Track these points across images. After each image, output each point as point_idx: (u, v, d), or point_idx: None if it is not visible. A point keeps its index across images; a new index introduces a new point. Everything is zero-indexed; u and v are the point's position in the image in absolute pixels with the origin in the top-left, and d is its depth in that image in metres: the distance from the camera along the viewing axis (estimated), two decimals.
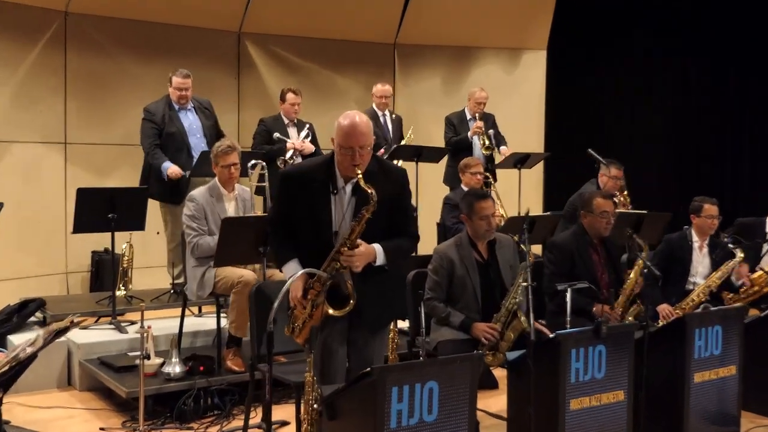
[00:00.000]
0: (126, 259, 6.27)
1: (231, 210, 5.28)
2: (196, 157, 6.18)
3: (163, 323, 5.71)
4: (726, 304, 5.62)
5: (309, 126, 7.12)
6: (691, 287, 5.71)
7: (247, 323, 5.03)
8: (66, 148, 7.42)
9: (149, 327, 4.68)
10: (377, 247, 3.54)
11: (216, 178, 5.31)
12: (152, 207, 6.19)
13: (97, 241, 7.17)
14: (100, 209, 5.60)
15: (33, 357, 2.75)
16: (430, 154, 7.38)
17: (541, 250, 6.82)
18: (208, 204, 5.20)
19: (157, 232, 7.03)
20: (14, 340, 5.37)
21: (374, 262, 3.54)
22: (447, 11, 9.05)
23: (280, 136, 6.80)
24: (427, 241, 5.37)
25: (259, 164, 6.14)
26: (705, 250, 5.81)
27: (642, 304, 5.00)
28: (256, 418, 4.45)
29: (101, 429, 4.65)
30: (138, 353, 4.96)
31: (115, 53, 7.63)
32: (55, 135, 7.37)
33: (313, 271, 3.45)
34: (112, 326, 5.65)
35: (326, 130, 7.65)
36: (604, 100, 10.25)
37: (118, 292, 6.11)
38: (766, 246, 6.34)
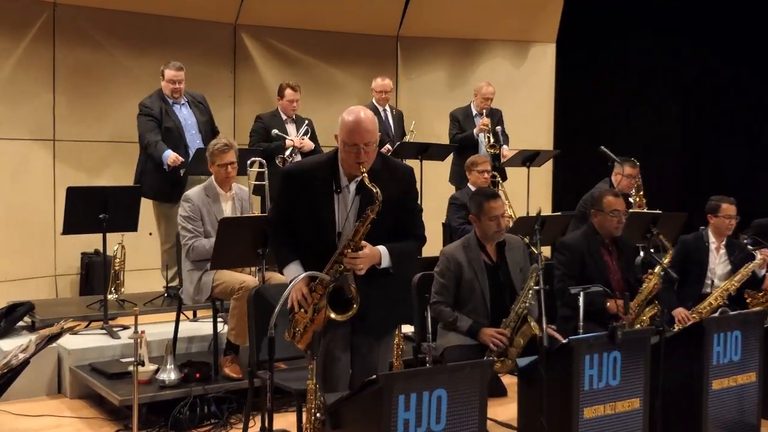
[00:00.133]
0: (118, 261, 6.26)
1: (228, 210, 5.27)
2: (192, 155, 6.18)
3: (156, 328, 5.70)
4: (748, 304, 5.61)
5: (308, 122, 7.11)
6: (709, 290, 5.72)
7: (247, 331, 5.04)
8: (55, 145, 7.42)
9: (143, 332, 4.67)
10: (382, 249, 3.53)
11: (212, 178, 5.30)
12: (144, 207, 6.18)
13: (87, 243, 7.17)
14: (91, 209, 5.60)
15: (25, 364, 2.75)
16: (435, 152, 7.38)
17: (550, 252, 6.82)
18: (204, 204, 5.19)
19: (150, 233, 7.02)
20: (2, 346, 5.36)
21: (379, 265, 3.53)
22: (452, 2, 9.05)
23: (279, 133, 6.79)
24: (432, 242, 5.34)
25: (258, 162, 6.14)
26: (722, 251, 5.81)
27: (658, 306, 5.01)
28: (255, 427, 4.45)
29: None
30: (131, 359, 4.92)
31: (106, 46, 7.63)
32: (43, 131, 7.37)
33: (315, 274, 3.44)
34: (104, 331, 5.64)
35: (325, 126, 7.70)
36: (617, 94, 10.23)
37: (110, 296, 6.10)
38: None
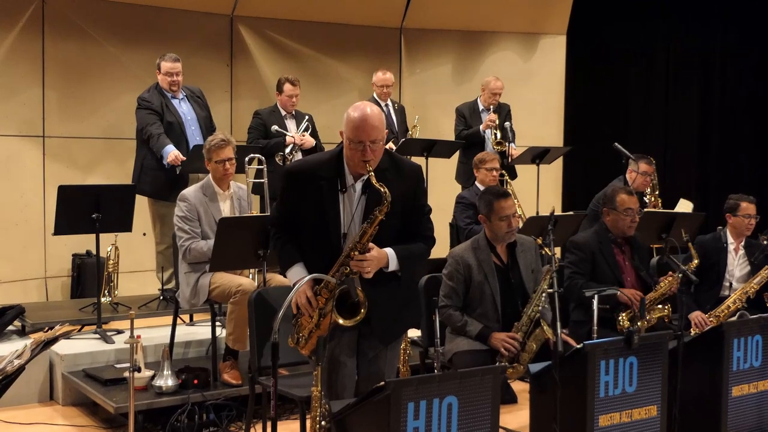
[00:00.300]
0: (111, 262, 6.27)
1: (226, 210, 5.28)
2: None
3: (152, 332, 5.73)
4: None
5: (308, 117, 7.12)
6: (727, 293, 5.73)
7: (247, 335, 5.04)
8: (44, 142, 7.43)
9: (139, 336, 4.69)
10: (390, 252, 3.54)
11: (209, 176, 5.31)
12: (138, 206, 6.18)
13: (79, 244, 7.18)
14: (84, 209, 5.61)
15: (21, 370, 2.77)
16: (441, 149, 7.39)
17: (560, 252, 6.83)
18: (201, 204, 5.20)
19: (144, 234, 7.04)
20: None
21: (386, 268, 3.54)
22: None
23: (279, 130, 6.80)
24: (438, 243, 5.34)
25: (257, 159, 6.15)
26: (741, 252, 5.83)
27: (671, 308, 5.03)
28: None
29: None
30: (126, 365, 4.95)
31: (97, 38, 7.63)
32: (32, 127, 7.38)
33: (321, 276, 3.45)
34: (97, 336, 5.65)
35: (326, 122, 7.74)
36: (630, 89, 10.25)
37: (103, 299, 6.11)
38: None
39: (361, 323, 3.51)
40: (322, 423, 3.42)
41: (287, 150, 6.77)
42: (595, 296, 4.53)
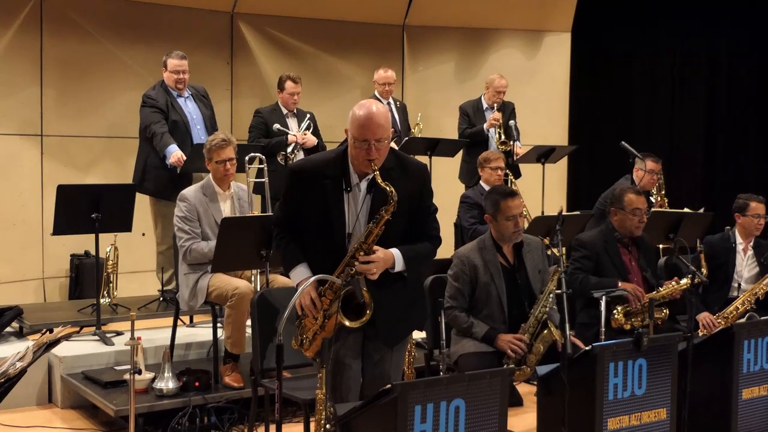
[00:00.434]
0: (110, 263, 6.25)
1: (227, 210, 5.26)
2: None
3: (151, 334, 5.70)
4: None
5: (310, 116, 7.10)
6: (735, 294, 5.72)
7: (244, 339, 5.04)
8: (42, 141, 7.41)
9: (139, 338, 4.67)
10: (395, 252, 3.52)
11: (209, 176, 5.30)
12: (137, 206, 6.16)
13: (77, 244, 7.17)
14: (83, 208, 5.58)
15: (22, 372, 2.75)
16: (445, 148, 7.37)
17: (566, 252, 6.81)
18: (201, 204, 5.18)
19: (143, 234, 7.03)
20: None
21: (392, 269, 3.52)
22: None
23: (281, 128, 6.78)
24: (443, 243, 5.35)
25: (257, 158, 6.13)
26: (750, 252, 5.82)
27: (668, 312, 5.00)
28: None
29: None
30: (126, 367, 4.96)
31: (96, 36, 7.61)
32: (30, 126, 7.36)
33: (326, 277, 3.43)
34: (96, 337, 5.63)
35: (327, 121, 7.71)
36: (636, 87, 10.24)
37: (102, 300, 6.09)
38: None
39: (366, 325, 3.49)
40: (327, 426, 3.40)
41: (289, 149, 6.74)
42: (603, 297, 4.50)
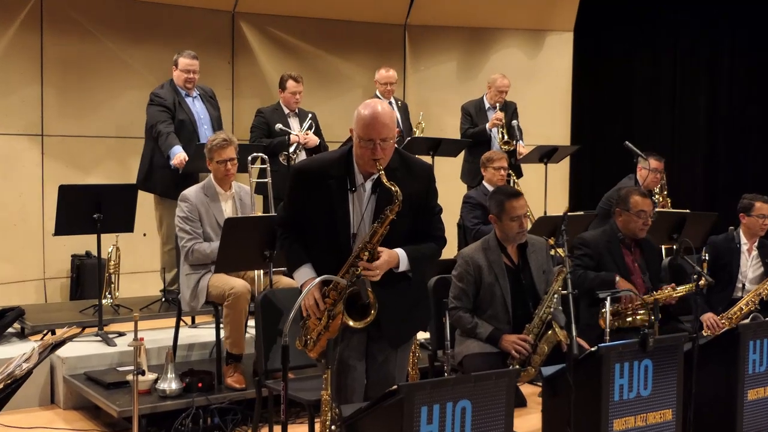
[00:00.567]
0: (112, 263, 6.25)
1: (228, 210, 5.26)
2: None
3: (153, 335, 5.70)
4: None
5: (312, 116, 7.10)
6: (739, 294, 5.72)
7: (244, 339, 5.04)
8: (43, 141, 7.41)
9: (142, 339, 4.67)
10: (401, 252, 3.52)
11: (211, 176, 5.29)
12: (138, 206, 6.16)
13: (78, 244, 7.17)
14: (85, 209, 5.59)
15: (29, 373, 2.75)
16: (448, 148, 7.37)
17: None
18: (203, 204, 5.18)
19: (144, 234, 7.03)
20: None
21: (396, 269, 3.52)
22: None
23: (283, 128, 6.77)
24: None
25: (260, 158, 6.13)
26: (754, 253, 5.81)
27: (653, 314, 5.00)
28: None
29: None
30: (129, 368, 4.94)
31: (96, 35, 7.61)
32: (31, 126, 7.36)
33: (331, 277, 3.43)
34: (99, 338, 5.63)
35: (329, 120, 7.71)
36: (638, 86, 10.25)
37: (104, 301, 6.09)
38: None
39: (371, 326, 3.48)
40: (333, 427, 3.40)
41: (291, 149, 6.74)
42: (608, 298, 4.50)
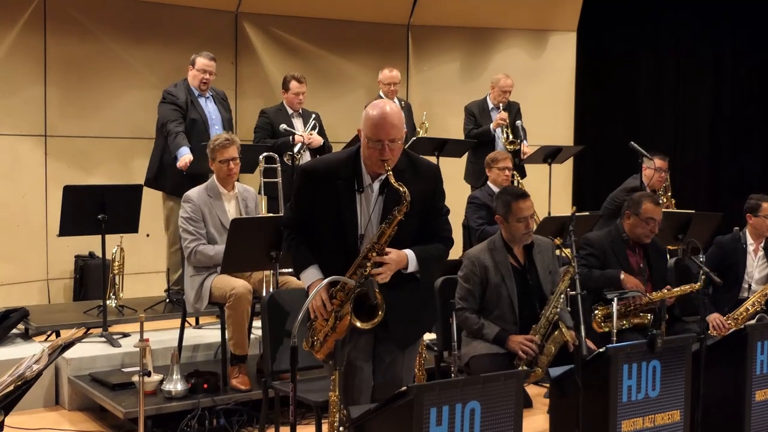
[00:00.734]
0: (116, 264, 6.25)
1: (232, 210, 5.26)
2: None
3: (158, 335, 5.67)
4: None
5: (315, 116, 7.10)
6: (746, 295, 5.72)
7: (246, 340, 5.03)
8: (46, 141, 7.41)
9: (147, 340, 4.66)
10: (409, 253, 3.51)
11: (213, 176, 5.29)
12: (141, 206, 6.15)
13: (82, 245, 7.16)
14: (90, 209, 5.58)
15: (39, 375, 2.75)
16: (452, 148, 7.36)
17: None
18: (206, 204, 5.18)
19: (147, 235, 7.02)
20: None
21: (405, 269, 3.51)
22: None
23: (288, 129, 6.77)
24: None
25: (272, 158, 6.16)
26: (761, 253, 5.81)
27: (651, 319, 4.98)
28: None
29: None
30: (134, 369, 4.93)
31: (100, 36, 7.61)
32: (34, 126, 7.36)
33: (339, 278, 3.42)
34: (103, 339, 5.63)
35: (332, 121, 7.70)
36: (642, 87, 10.24)
37: (108, 302, 6.08)
38: None
39: (378, 327, 3.47)
40: (341, 429, 3.39)
41: (295, 149, 6.73)
42: (615, 299, 4.50)
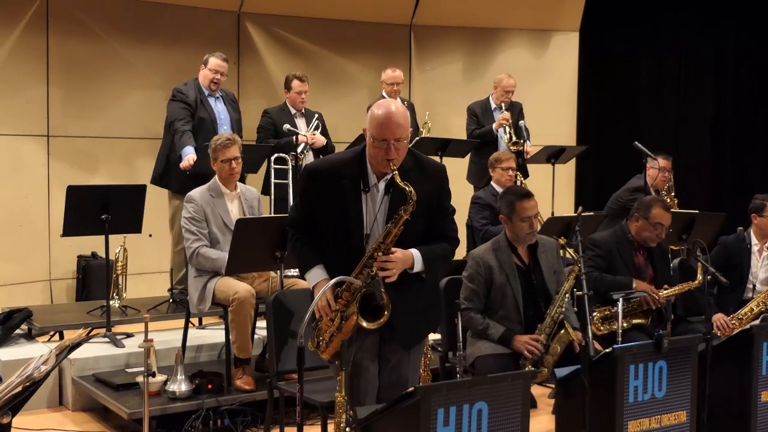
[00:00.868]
0: (120, 265, 6.24)
1: (234, 210, 5.24)
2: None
3: (161, 336, 5.66)
4: None
5: (318, 116, 7.09)
6: (750, 295, 5.72)
7: (249, 343, 5.04)
8: (49, 142, 7.40)
9: (152, 340, 4.65)
10: (415, 253, 3.50)
11: (216, 176, 5.28)
12: (145, 207, 6.14)
13: (84, 245, 7.15)
14: (93, 209, 5.57)
15: (46, 376, 2.75)
16: (456, 148, 7.35)
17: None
18: (209, 204, 5.17)
19: (150, 235, 7.01)
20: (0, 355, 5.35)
21: (411, 269, 3.50)
22: None
23: (291, 129, 6.76)
24: None
25: (285, 158, 6.17)
26: (765, 253, 5.81)
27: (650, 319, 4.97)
28: None
29: None
30: (138, 369, 4.94)
31: (102, 36, 7.60)
32: (36, 127, 7.35)
33: (345, 278, 3.40)
34: (107, 339, 5.61)
35: (334, 120, 7.69)
36: (644, 86, 10.23)
37: (111, 302, 6.07)
38: None
39: (384, 327, 3.46)
40: (348, 429, 3.39)
41: (299, 149, 6.72)
42: (620, 300, 4.49)
